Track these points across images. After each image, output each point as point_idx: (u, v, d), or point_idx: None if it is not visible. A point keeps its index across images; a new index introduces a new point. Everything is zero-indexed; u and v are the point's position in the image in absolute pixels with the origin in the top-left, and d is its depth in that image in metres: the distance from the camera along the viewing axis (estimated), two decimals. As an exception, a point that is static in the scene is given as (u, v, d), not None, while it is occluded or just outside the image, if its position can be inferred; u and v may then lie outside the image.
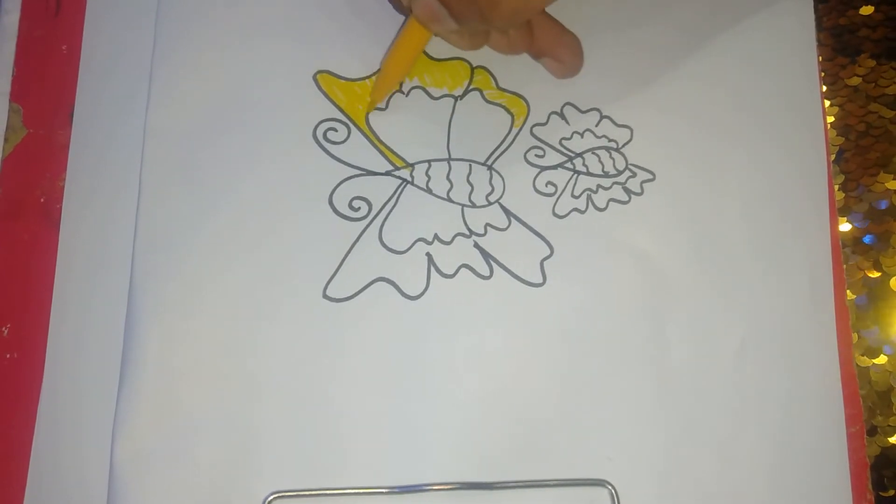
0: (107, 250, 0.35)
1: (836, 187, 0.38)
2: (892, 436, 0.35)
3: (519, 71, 0.37)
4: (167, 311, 0.33)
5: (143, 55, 0.37)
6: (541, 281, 0.34)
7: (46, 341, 0.34)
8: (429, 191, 0.35)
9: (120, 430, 0.32)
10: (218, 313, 0.33)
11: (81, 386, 0.33)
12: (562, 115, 0.37)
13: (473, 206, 0.35)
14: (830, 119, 0.39)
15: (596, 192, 0.36)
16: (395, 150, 0.36)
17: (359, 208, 0.35)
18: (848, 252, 0.37)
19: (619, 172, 0.36)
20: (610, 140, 0.36)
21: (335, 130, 0.36)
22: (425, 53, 0.37)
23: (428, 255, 0.35)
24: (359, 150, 0.36)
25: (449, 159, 0.36)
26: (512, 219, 0.35)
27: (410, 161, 0.36)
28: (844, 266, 0.36)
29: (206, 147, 0.35)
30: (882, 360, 0.36)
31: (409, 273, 0.34)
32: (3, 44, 0.38)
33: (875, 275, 0.37)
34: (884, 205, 0.38)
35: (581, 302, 0.34)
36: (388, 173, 0.36)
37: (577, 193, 0.36)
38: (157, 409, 0.32)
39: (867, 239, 0.38)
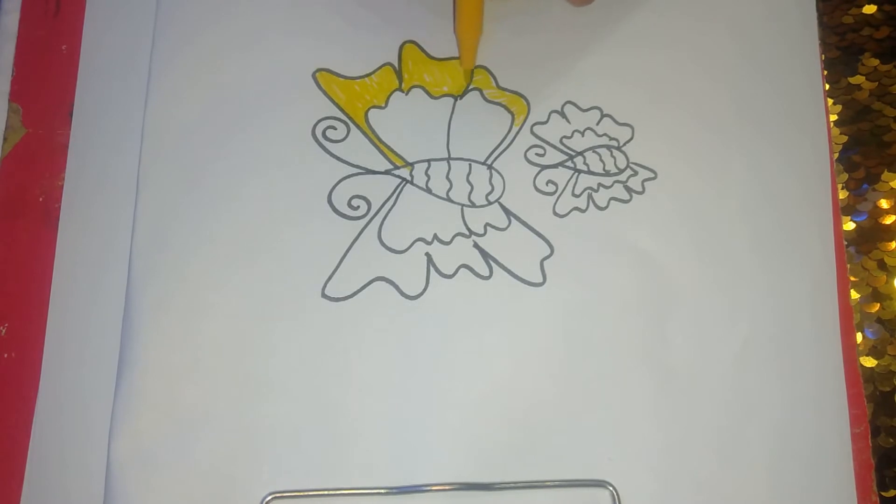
0: (105, 249, 0.35)
1: (840, 186, 0.38)
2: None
3: (519, 70, 0.37)
4: (165, 311, 0.33)
5: (143, 55, 0.37)
6: (541, 280, 0.34)
7: (44, 341, 0.34)
8: (428, 190, 0.35)
9: (117, 429, 0.32)
10: (215, 312, 0.33)
11: (79, 385, 0.33)
12: (562, 114, 0.37)
13: (473, 205, 0.35)
14: (833, 118, 0.39)
15: (597, 190, 0.36)
16: (394, 149, 0.36)
17: (358, 207, 0.35)
18: (852, 251, 0.37)
19: (621, 171, 0.36)
20: (611, 138, 0.36)
21: (334, 129, 0.36)
22: (424, 52, 0.37)
23: (427, 254, 0.34)
24: (358, 149, 0.36)
25: (448, 158, 0.36)
26: (512, 218, 0.35)
27: (410, 160, 0.36)
28: (848, 265, 0.35)
29: (204, 146, 0.35)
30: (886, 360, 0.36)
31: (408, 273, 0.34)
32: (3, 44, 0.38)
33: (879, 274, 0.37)
34: (888, 204, 0.38)
35: (582, 302, 0.34)
36: (387, 172, 0.36)
37: (577, 192, 0.36)
38: (154, 409, 0.32)
39: (871, 238, 0.37)
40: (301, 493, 0.31)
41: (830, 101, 0.39)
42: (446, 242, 0.35)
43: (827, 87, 0.38)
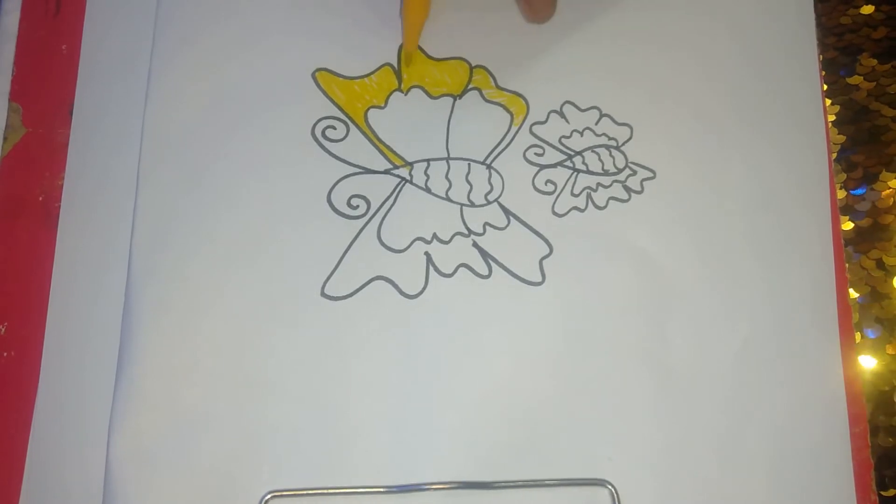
0: (105, 249, 0.35)
1: (838, 186, 0.38)
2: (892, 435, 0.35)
3: (518, 70, 0.37)
4: (164, 310, 0.33)
5: (143, 55, 0.37)
6: (540, 280, 0.34)
7: (43, 340, 0.34)
8: (427, 190, 0.35)
9: (116, 428, 0.32)
10: (215, 312, 0.33)
11: (78, 384, 0.33)
12: (561, 114, 0.37)
13: (472, 205, 0.35)
14: (831, 118, 0.39)
15: (596, 190, 0.36)
16: (393, 148, 0.36)
17: (357, 206, 0.35)
18: (850, 251, 0.37)
19: (619, 170, 0.36)
20: (610, 138, 0.36)
21: (334, 128, 0.36)
22: (424, 53, 0.37)
23: (426, 254, 0.34)
24: (358, 149, 0.36)
25: (448, 158, 0.36)
26: (511, 218, 0.35)
27: (409, 160, 0.36)
28: (847, 265, 0.36)
29: (204, 145, 0.36)
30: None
31: (407, 272, 0.34)
32: (3, 43, 0.38)
33: (878, 273, 0.37)
34: (886, 204, 0.38)
35: (580, 301, 0.34)
36: (386, 172, 0.36)
37: (576, 192, 0.36)
38: (153, 408, 0.32)
39: (869, 237, 0.37)
40: (300, 492, 0.31)
41: (829, 101, 0.39)
42: (445, 242, 0.35)
43: (825, 87, 0.38)
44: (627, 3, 0.38)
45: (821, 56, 0.38)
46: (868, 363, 0.36)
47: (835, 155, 0.38)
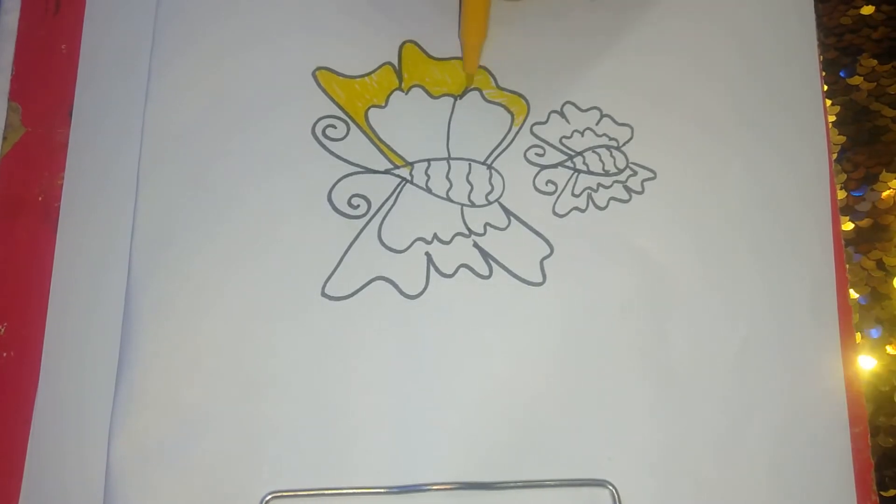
0: (105, 249, 0.35)
1: (838, 186, 0.38)
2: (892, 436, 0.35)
3: (519, 70, 0.37)
4: (164, 310, 0.33)
5: (142, 54, 0.37)
6: (541, 280, 0.34)
7: (43, 340, 0.34)
8: (428, 190, 0.35)
9: (116, 428, 0.32)
10: (215, 311, 0.33)
11: (78, 384, 0.33)
12: (562, 114, 0.37)
13: (473, 205, 0.35)
14: (832, 118, 0.39)
15: (596, 190, 0.36)
16: (394, 148, 0.36)
17: (358, 206, 0.35)
18: (851, 251, 0.37)
19: (620, 171, 0.36)
20: (610, 138, 0.36)
21: (334, 127, 0.36)
22: (424, 52, 0.37)
23: (427, 254, 0.34)
24: (358, 148, 0.36)
25: (448, 158, 0.36)
26: (512, 218, 0.35)
27: (410, 160, 0.36)
28: (847, 265, 0.36)
29: (204, 145, 0.35)
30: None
31: (408, 272, 0.34)
32: (3, 43, 0.38)
33: (878, 274, 0.37)
34: (886, 204, 0.38)
35: (581, 301, 0.34)
36: (387, 171, 0.36)
37: (577, 192, 0.36)
38: (153, 408, 0.32)
39: (869, 238, 0.37)
40: (300, 493, 0.31)
41: (829, 101, 0.39)
42: (446, 242, 0.35)
43: (825, 87, 0.38)
44: (628, 3, 0.38)
45: (821, 56, 0.38)
46: (868, 363, 0.36)
47: (835, 155, 0.39)
